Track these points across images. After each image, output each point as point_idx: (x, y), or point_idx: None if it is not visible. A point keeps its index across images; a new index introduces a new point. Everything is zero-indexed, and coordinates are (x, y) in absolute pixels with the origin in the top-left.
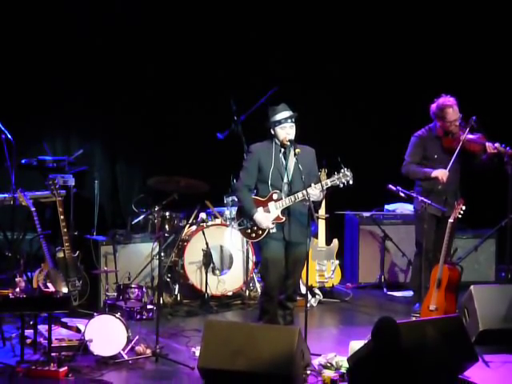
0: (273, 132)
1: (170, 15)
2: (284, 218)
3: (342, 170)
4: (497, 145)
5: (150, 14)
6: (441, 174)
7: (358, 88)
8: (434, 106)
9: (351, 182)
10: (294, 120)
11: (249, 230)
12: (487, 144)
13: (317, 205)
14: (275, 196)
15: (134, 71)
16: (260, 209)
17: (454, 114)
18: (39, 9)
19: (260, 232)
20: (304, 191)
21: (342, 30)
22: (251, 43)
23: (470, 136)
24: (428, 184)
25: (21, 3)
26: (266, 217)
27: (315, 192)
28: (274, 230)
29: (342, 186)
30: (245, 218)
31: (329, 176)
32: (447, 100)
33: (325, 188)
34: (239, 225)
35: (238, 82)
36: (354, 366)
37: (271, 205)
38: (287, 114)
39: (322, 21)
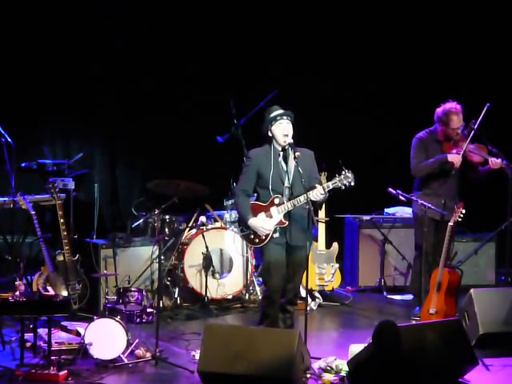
0: (270, 134)
1: (170, 18)
2: (287, 222)
3: (344, 172)
4: (499, 161)
5: (150, 16)
6: (456, 158)
7: (357, 92)
8: (439, 111)
9: (353, 184)
10: (290, 119)
11: (252, 236)
12: (491, 160)
13: (317, 206)
14: (277, 200)
15: (134, 75)
16: (261, 214)
17: (457, 121)
18: (39, 14)
19: (263, 237)
20: (306, 195)
21: (344, 33)
22: (252, 46)
23: (471, 146)
24: (427, 188)
25: (20, 8)
26: (264, 222)
27: (318, 196)
28: (277, 235)
29: (343, 187)
30: (240, 224)
31: (329, 179)
32: (453, 107)
33: (327, 190)
34: (242, 231)
35: (238, 85)
36: (354, 370)
37: (273, 210)
38: (282, 110)
39: (324, 24)
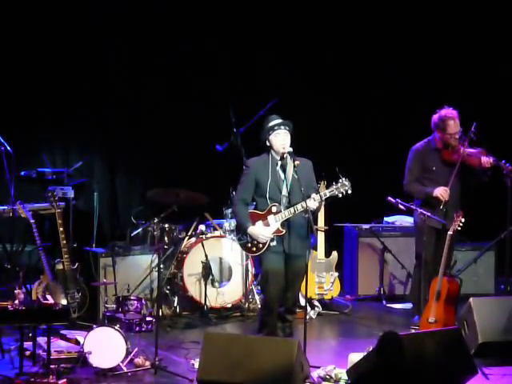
0: (268, 143)
1: (171, 26)
2: (284, 231)
3: (340, 180)
4: (491, 159)
5: (151, 26)
6: (441, 192)
7: (357, 100)
8: (435, 117)
9: (350, 192)
10: (288, 129)
11: (249, 244)
12: (482, 159)
13: (314, 214)
14: (274, 209)
15: (134, 84)
16: (258, 222)
17: (454, 126)
18: (40, 21)
19: (260, 246)
20: (303, 203)
21: (346, 42)
22: (252, 54)
23: (470, 150)
24: (428, 197)
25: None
26: (263, 229)
27: (314, 204)
28: (275, 243)
29: (340, 195)
30: (240, 232)
31: (328, 188)
32: (449, 112)
33: (323, 199)
34: (239, 239)
35: (238, 93)
36: (355, 380)
37: (271, 218)
38: (280, 120)
39: (325, 33)
